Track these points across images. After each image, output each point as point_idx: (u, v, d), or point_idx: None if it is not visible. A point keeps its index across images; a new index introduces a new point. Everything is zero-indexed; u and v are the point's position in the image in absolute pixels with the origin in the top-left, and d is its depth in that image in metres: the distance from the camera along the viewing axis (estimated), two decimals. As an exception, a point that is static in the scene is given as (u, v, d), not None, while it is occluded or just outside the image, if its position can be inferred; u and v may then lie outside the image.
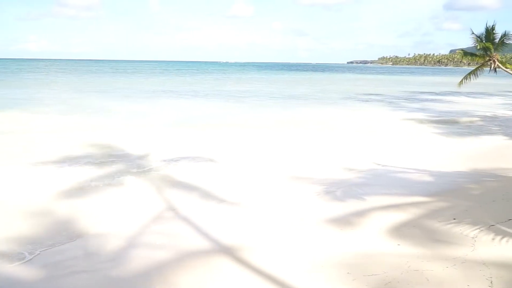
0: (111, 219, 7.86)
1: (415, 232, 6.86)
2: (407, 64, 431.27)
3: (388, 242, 6.50)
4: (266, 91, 45.64)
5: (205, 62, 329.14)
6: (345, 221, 7.65)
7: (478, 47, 30.91)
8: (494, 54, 30.51)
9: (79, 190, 9.53)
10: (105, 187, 9.81)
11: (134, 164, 12.03)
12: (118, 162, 12.19)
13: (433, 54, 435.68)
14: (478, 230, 6.50)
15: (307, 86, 56.19)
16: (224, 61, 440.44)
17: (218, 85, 55.32)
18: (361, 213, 8.06)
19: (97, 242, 6.77)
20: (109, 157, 12.88)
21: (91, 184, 9.95)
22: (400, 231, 6.98)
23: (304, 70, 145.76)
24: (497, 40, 30.54)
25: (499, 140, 17.55)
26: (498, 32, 30.12)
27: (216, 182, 10.40)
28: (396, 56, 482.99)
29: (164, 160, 12.48)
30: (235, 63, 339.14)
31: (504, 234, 6.20)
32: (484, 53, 31.09)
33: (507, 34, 30.60)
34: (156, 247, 6.60)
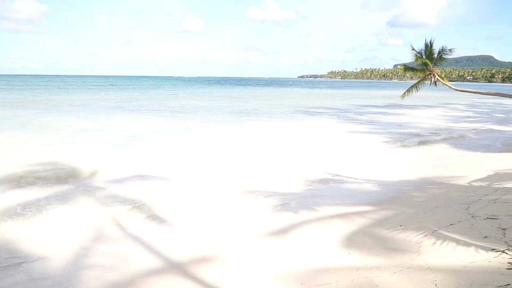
0: (56, 241, 7.47)
1: (365, 241, 7.05)
2: (355, 78, 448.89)
3: (339, 252, 6.64)
4: (217, 105, 45.61)
5: (157, 77, 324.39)
6: (298, 232, 7.74)
7: (419, 63, 32.77)
8: (434, 68, 32.48)
9: (20, 212, 8.98)
10: (48, 208, 9.30)
11: (80, 183, 11.54)
12: (62, 181, 11.61)
13: (379, 68, 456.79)
14: (423, 235, 6.80)
15: (258, 101, 56.75)
16: (177, 76, 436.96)
17: (168, 100, 54.62)
18: (313, 224, 8.18)
19: (42, 266, 6.41)
20: (53, 176, 12.23)
21: (34, 205, 9.41)
22: (351, 240, 7.15)
23: (256, 85, 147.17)
24: (435, 55, 32.56)
25: (441, 150, 18.53)
26: (436, 48, 32.09)
27: (166, 199, 10.18)
28: (344, 71, 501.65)
29: (112, 178, 12.04)
30: (189, 78, 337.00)
31: (446, 239, 6.52)
32: (424, 67, 33.01)
33: (445, 50, 32.71)
34: (105, 269, 6.35)
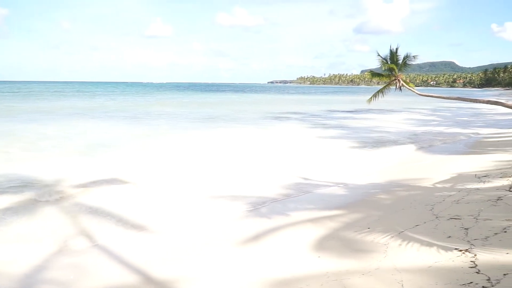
0: (16, 253, 7.16)
1: (334, 244, 7.11)
2: (324, 84, 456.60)
3: (309, 256, 6.66)
4: (185, 112, 45.24)
5: (125, 83, 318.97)
6: (268, 238, 7.73)
7: (385, 68, 33.66)
8: (399, 74, 33.45)
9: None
10: (6, 219, 8.93)
11: (43, 192, 11.09)
12: (24, 190, 11.16)
13: (346, 74, 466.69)
14: (390, 237, 6.92)
15: (227, 107, 56.70)
16: (146, 82, 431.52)
17: (134, 106, 53.79)
18: (284, 230, 8.20)
19: (0, 282, 6.12)
20: (14, 185, 11.78)
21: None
22: (321, 244, 7.20)
23: (225, 91, 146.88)
24: (400, 61, 33.55)
25: (406, 153, 19.01)
26: (401, 54, 33.13)
27: (133, 207, 9.96)
28: (313, 76, 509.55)
29: (77, 186, 11.68)
30: (159, 83, 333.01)
31: (412, 240, 6.66)
32: (389, 73, 33.93)
33: (409, 56, 33.78)
34: (68, 283, 6.13)
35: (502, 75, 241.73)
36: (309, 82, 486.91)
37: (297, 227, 8.35)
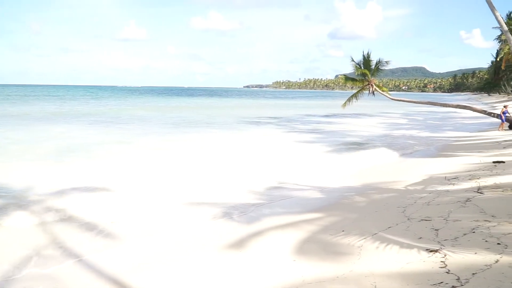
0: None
1: (310, 248, 7.17)
2: (299, 88, 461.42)
3: (285, 261, 6.69)
4: (158, 116, 44.88)
5: (98, 87, 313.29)
6: (245, 244, 7.71)
7: (358, 73, 34.31)
8: (372, 79, 34.17)
9: None
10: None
11: (12, 198, 10.80)
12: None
13: (321, 78, 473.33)
14: (364, 239, 7.04)
15: (201, 111, 56.54)
16: (120, 85, 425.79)
17: (107, 110, 52.95)
18: (260, 235, 8.21)
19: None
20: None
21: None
22: (296, 248, 7.25)
23: (200, 95, 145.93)
24: (373, 67, 34.26)
25: (380, 156, 19.36)
26: (374, 60, 33.86)
27: (107, 214, 9.75)
28: (288, 81, 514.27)
29: (47, 193, 11.35)
30: (133, 87, 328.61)
31: (385, 241, 6.80)
32: (363, 78, 34.60)
33: (381, 61, 34.57)
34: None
35: (471, 80, 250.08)
36: (284, 87, 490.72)
37: (272, 231, 8.38)
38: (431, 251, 6.03)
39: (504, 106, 28.82)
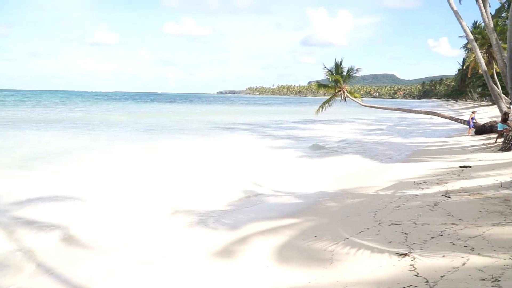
0: None
1: (283, 253, 7.17)
2: (272, 94, 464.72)
3: (259, 266, 6.66)
4: (129, 121, 44.21)
5: (69, 92, 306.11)
6: (224, 251, 7.65)
7: (330, 80, 34.83)
8: (344, 85, 34.76)
9: None
10: None
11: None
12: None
13: (294, 85, 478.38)
14: (335, 244, 7.09)
15: (175, 117, 56.02)
16: (91, 91, 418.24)
17: (78, 116, 51.79)
18: (235, 242, 8.16)
19: None
20: None
21: None
22: (271, 253, 7.24)
23: (173, 101, 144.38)
24: (345, 73, 34.87)
25: (351, 161, 19.66)
26: (346, 67, 34.47)
27: (79, 224, 9.48)
28: (262, 87, 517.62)
29: (15, 202, 10.95)
30: (106, 92, 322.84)
31: (356, 246, 6.86)
32: (335, 84, 35.12)
33: (353, 68, 35.23)
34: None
35: (438, 87, 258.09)
36: (258, 93, 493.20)
37: (247, 238, 8.34)
38: (400, 254, 6.13)
39: (473, 112, 29.87)
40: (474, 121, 28.58)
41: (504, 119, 22.36)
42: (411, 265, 5.70)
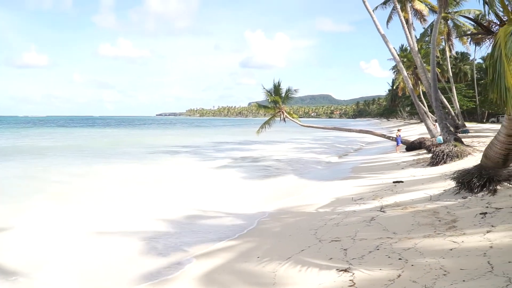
0: None
1: (224, 278, 7.06)
2: (213, 115, 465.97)
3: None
4: (60, 146, 42.07)
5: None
6: (162, 274, 7.48)
7: (270, 100, 35.55)
8: (283, 106, 35.57)
9: None
10: None
11: None
12: None
13: (235, 106, 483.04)
14: (278, 264, 7.10)
15: (111, 139, 54.16)
16: (22, 116, 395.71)
17: (5, 142, 48.46)
18: (177, 265, 7.98)
19: None
20: None
21: None
22: (211, 277, 7.11)
23: (109, 125, 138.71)
24: (283, 94, 35.75)
25: (291, 181, 20.00)
26: (284, 88, 35.38)
27: (11, 253, 8.79)
28: (202, 108, 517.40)
29: None
30: (37, 117, 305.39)
31: (298, 264, 6.92)
32: (274, 105, 35.87)
33: (291, 89, 36.22)
34: None
35: (371, 106, 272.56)
36: (198, 114, 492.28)
37: (191, 261, 8.16)
38: (340, 270, 6.26)
39: (398, 130, 31.76)
40: (401, 138, 30.41)
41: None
42: (350, 280, 5.83)
